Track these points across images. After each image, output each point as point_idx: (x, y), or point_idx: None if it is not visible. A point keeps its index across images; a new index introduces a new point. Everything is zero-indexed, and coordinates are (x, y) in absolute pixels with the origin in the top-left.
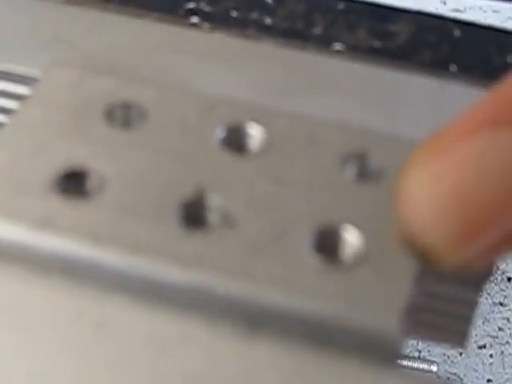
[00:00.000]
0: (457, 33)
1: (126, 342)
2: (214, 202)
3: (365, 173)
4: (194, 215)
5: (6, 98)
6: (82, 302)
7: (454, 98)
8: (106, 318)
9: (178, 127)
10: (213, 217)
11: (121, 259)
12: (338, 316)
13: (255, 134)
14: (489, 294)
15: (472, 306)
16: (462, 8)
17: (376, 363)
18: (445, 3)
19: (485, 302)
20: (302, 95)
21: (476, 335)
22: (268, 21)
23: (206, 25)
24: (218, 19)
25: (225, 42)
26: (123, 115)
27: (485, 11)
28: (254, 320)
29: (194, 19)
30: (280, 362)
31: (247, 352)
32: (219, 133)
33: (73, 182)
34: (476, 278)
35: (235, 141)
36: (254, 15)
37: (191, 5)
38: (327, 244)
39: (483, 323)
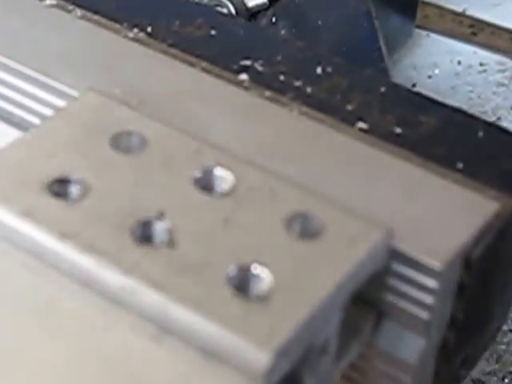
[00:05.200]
0: (480, 133)
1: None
2: (165, 225)
3: (306, 231)
4: (147, 232)
5: (47, 107)
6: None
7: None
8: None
9: (166, 160)
10: (160, 237)
11: (73, 255)
12: (223, 339)
13: (225, 178)
14: None
15: None
16: None
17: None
18: None
19: None
20: (294, 159)
21: None
22: (308, 90)
23: (252, 84)
24: (265, 80)
25: (255, 103)
26: (126, 142)
27: None
28: (164, 326)
29: (243, 76)
30: (177, 362)
31: (152, 348)
32: (196, 172)
33: (64, 188)
34: None
35: (207, 181)
36: (298, 83)
37: (247, 62)
38: (241, 278)
39: None
